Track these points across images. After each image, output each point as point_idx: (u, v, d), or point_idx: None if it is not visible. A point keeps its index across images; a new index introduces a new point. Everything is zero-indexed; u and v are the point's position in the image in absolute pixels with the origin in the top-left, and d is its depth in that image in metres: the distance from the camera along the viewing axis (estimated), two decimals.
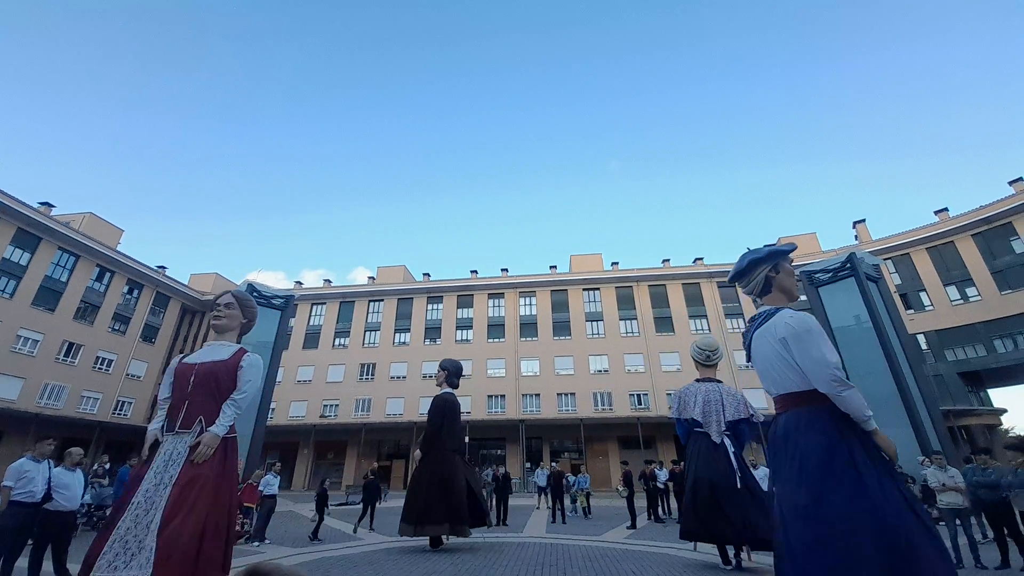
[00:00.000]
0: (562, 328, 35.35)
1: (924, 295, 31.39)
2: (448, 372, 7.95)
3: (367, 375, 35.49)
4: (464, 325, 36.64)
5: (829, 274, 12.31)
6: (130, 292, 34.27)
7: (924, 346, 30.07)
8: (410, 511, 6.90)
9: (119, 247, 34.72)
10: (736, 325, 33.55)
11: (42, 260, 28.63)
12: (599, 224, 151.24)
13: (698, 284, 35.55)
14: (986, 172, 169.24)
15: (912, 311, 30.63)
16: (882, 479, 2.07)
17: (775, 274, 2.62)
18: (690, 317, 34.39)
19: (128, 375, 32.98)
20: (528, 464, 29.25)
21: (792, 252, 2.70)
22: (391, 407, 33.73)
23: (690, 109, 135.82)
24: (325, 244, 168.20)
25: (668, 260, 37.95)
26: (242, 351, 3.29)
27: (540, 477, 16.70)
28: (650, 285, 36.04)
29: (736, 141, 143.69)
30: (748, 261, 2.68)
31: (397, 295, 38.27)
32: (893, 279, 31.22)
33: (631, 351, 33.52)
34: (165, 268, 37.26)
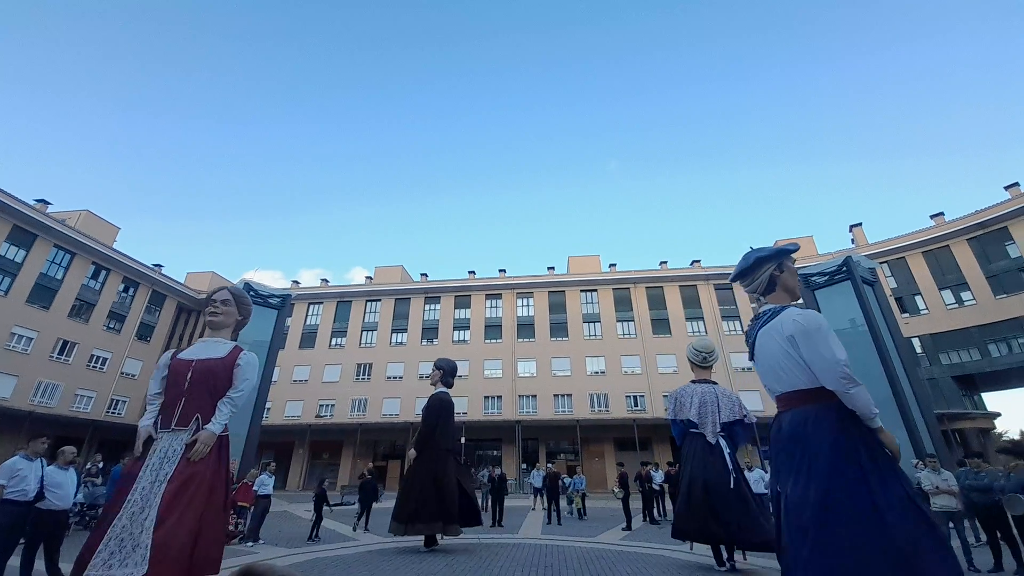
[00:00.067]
0: (559, 329, 35.37)
1: (919, 299, 31.57)
2: (443, 371, 7.94)
3: (363, 375, 35.40)
4: (461, 326, 36.60)
5: (825, 277, 12.32)
6: (125, 290, 34.09)
7: (919, 350, 30.24)
8: (402, 510, 6.88)
9: (115, 245, 34.61)
10: (732, 327, 33.65)
11: (37, 257, 28.46)
12: (598, 225, 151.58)
13: (695, 286, 35.65)
14: (983, 173, 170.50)
15: (907, 315, 30.77)
16: (889, 477, 2.08)
17: (780, 273, 2.63)
18: (687, 319, 34.48)
19: (123, 374, 32.80)
20: (524, 465, 29.21)
21: (796, 252, 2.72)
22: (387, 407, 33.65)
23: (690, 109, 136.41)
24: (322, 244, 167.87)
25: (665, 262, 38.14)
26: (238, 349, 3.29)
27: (536, 478, 16.72)
28: (647, 287, 36.11)
29: (735, 141, 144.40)
30: (754, 259, 2.68)
31: (394, 295, 38.20)
32: (889, 283, 31.42)
33: (628, 353, 33.56)
34: (161, 266, 37.12)
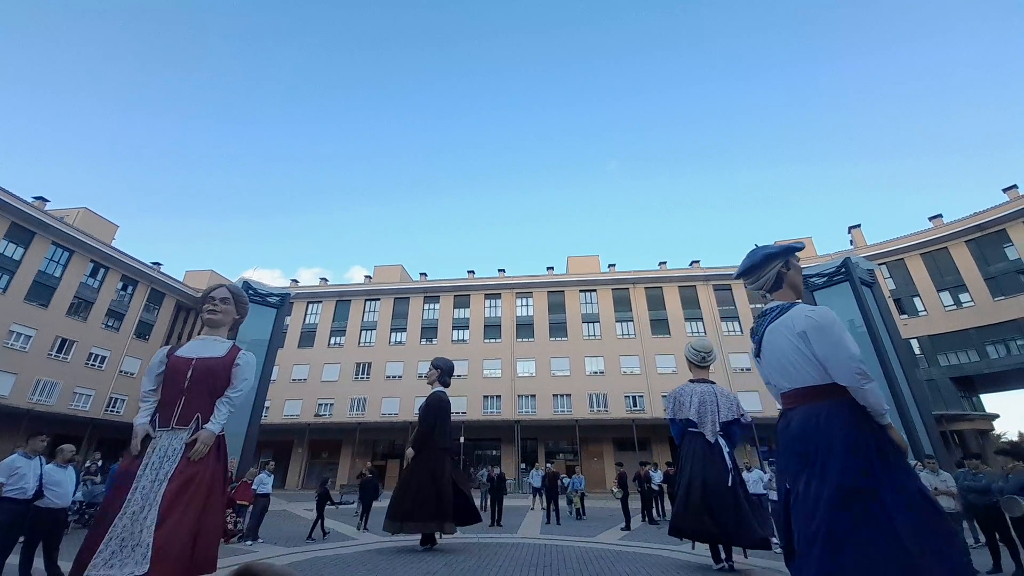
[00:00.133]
0: (558, 329, 35.38)
1: (918, 300, 31.62)
2: (440, 371, 7.92)
3: (362, 374, 35.38)
4: (460, 325, 36.59)
5: (824, 278, 12.32)
6: (124, 288, 34.02)
7: (918, 351, 30.30)
8: (397, 508, 6.88)
9: (114, 243, 34.52)
10: (731, 328, 33.70)
11: (36, 255, 28.37)
12: (597, 225, 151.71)
13: (694, 287, 35.68)
14: (982, 175, 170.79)
15: (906, 316, 30.82)
16: (901, 474, 2.09)
17: (787, 270, 2.64)
18: (686, 320, 34.50)
19: (121, 372, 32.72)
20: (523, 465, 29.19)
21: (801, 250, 2.74)
22: (386, 407, 33.63)
23: (689, 109, 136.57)
24: (322, 243, 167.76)
25: (665, 263, 38.22)
26: (236, 348, 3.28)
27: (535, 478, 16.70)
28: (646, 287, 36.14)
29: (735, 141, 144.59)
30: (762, 256, 2.68)
31: (393, 294, 38.18)
32: (887, 284, 31.46)
33: (627, 353, 33.57)
34: (160, 265, 37.07)
